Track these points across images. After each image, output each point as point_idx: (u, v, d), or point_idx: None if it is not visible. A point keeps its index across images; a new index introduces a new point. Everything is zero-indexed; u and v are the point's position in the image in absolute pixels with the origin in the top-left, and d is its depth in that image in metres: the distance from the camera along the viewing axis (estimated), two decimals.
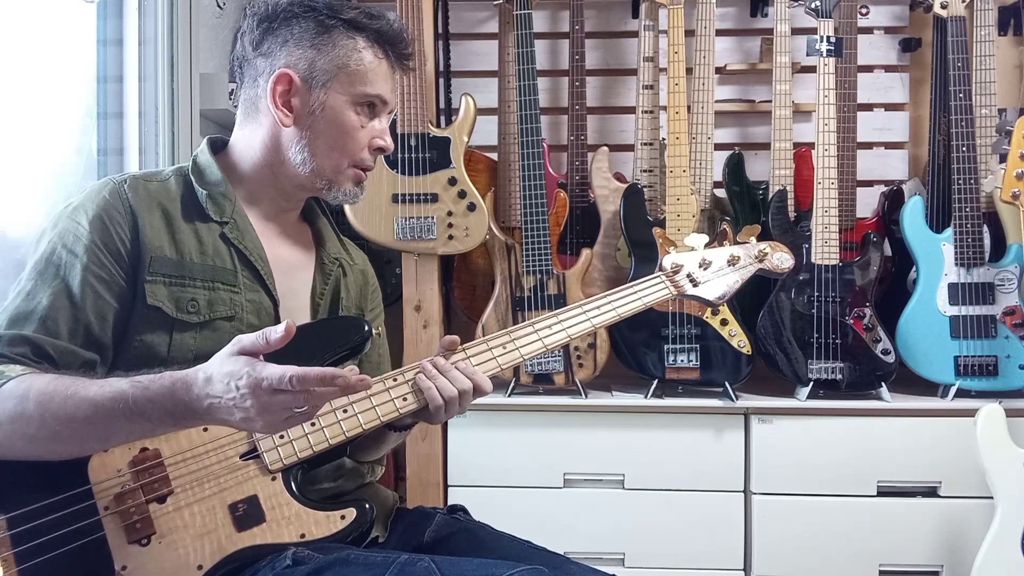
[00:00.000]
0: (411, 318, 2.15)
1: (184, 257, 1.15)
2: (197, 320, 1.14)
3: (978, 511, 1.96)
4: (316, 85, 1.17)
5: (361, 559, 1.03)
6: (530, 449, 2.09)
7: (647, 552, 2.07)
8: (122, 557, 1.01)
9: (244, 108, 1.23)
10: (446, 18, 2.45)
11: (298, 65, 1.17)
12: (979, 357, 2.07)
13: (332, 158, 1.20)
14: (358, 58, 1.18)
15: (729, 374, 2.09)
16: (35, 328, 1.05)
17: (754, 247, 1.38)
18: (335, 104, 1.18)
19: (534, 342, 1.23)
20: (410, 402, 1.15)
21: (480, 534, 1.25)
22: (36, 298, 1.07)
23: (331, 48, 1.17)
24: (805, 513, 2.04)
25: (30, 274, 1.09)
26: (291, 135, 1.19)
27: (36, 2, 1.78)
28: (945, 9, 2.14)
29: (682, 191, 2.13)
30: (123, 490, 1.04)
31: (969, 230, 2.09)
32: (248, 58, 1.21)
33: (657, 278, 1.33)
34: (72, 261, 1.09)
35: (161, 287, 1.12)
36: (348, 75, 1.18)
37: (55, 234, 1.11)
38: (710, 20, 2.24)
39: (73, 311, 1.07)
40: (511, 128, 2.28)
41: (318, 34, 1.17)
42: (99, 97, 2.00)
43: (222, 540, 1.05)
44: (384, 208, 2.09)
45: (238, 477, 1.08)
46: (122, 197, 1.13)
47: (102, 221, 1.10)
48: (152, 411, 0.98)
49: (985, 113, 2.18)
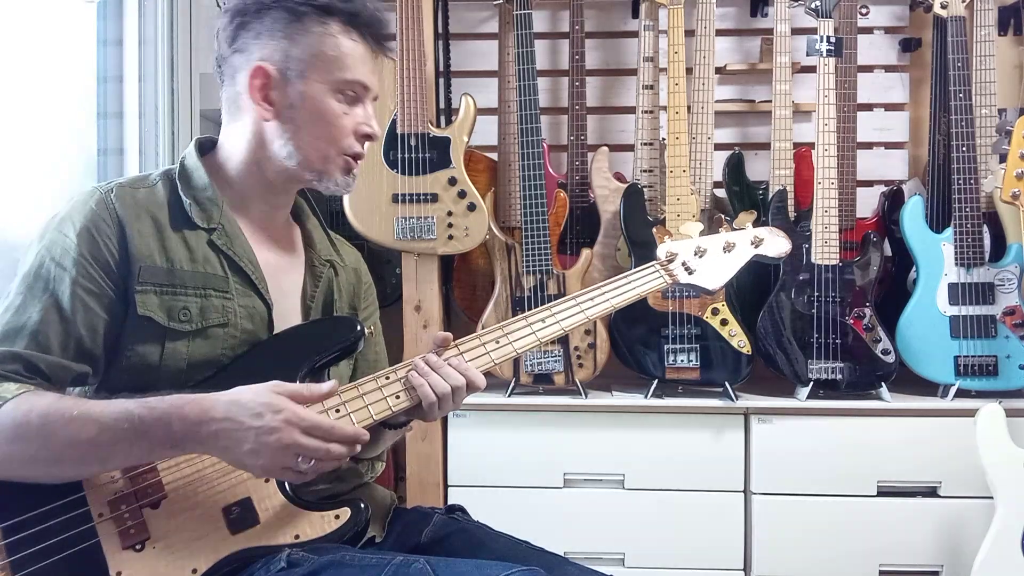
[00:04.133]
0: (411, 318, 2.15)
1: (174, 265, 1.13)
2: (190, 328, 1.12)
3: (978, 511, 1.96)
4: (293, 76, 1.15)
5: (356, 560, 1.03)
6: (530, 449, 2.09)
7: (647, 552, 2.07)
8: (117, 563, 1.01)
9: (227, 107, 1.21)
10: (446, 18, 2.45)
11: (273, 57, 1.15)
12: (979, 357, 2.07)
13: (318, 148, 1.18)
14: (333, 43, 1.15)
15: (729, 374, 2.09)
16: (26, 344, 1.04)
17: (750, 232, 1.36)
18: (314, 93, 1.15)
19: (527, 335, 1.21)
20: (403, 400, 1.14)
21: (478, 534, 1.24)
22: (26, 313, 1.05)
23: (304, 36, 1.14)
24: (805, 513, 2.04)
25: (19, 288, 1.08)
26: (274, 129, 1.17)
27: (37, 2, 1.78)
28: (945, 9, 2.14)
29: (682, 191, 2.13)
30: (117, 496, 1.04)
31: (969, 230, 2.09)
32: (225, 56, 1.19)
33: (651, 267, 1.31)
34: (61, 275, 1.07)
35: (152, 296, 1.10)
36: (324, 62, 1.15)
37: (42, 247, 1.09)
38: (710, 20, 2.24)
39: (64, 325, 1.06)
40: (511, 128, 2.28)
41: (289, 23, 1.14)
42: (99, 97, 2.00)
43: (216, 543, 1.05)
44: (384, 208, 2.09)
45: (231, 480, 1.08)
46: (109, 207, 1.11)
47: (89, 233, 1.09)
48: (155, 431, 0.99)
49: (985, 113, 2.18)
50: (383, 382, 1.15)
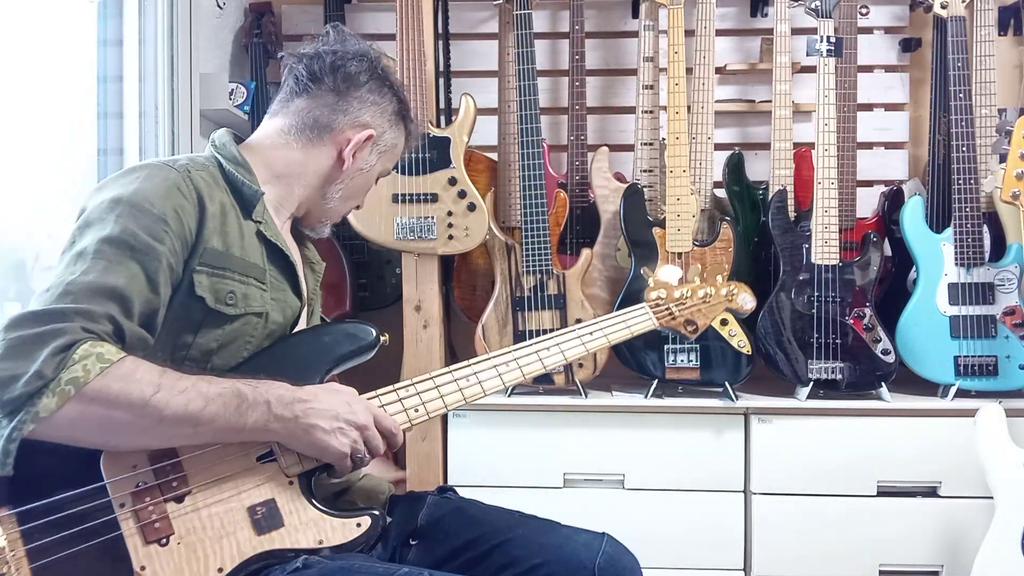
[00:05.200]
0: (411, 318, 2.15)
1: (228, 249, 1.16)
2: (233, 313, 1.14)
3: (978, 511, 1.96)
4: (375, 151, 1.32)
5: (365, 569, 1.06)
6: (530, 449, 2.09)
7: (647, 552, 2.04)
8: (141, 558, 1.00)
9: (306, 125, 1.27)
10: (446, 18, 2.45)
11: (377, 127, 1.31)
12: (979, 357, 2.07)
13: (346, 207, 1.35)
14: (401, 144, 1.38)
15: (729, 374, 2.09)
16: (118, 308, 1.01)
17: (723, 287, 1.53)
18: (374, 171, 1.34)
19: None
20: (421, 413, 1.21)
21: (471, 510, 1.29)
22: (112, 275, 1.02)
23: (397, 129, 1.35)
24: (805, 513, 2.04)
25: (98, 250, 1.03)
26: (338, 177, 1.30)
27: (37, 2, 1.78)
28: (945, 9, 2.14)
29: (682, 191, 2.13)
30: (139, 488, 1.02)
31: (969, 230, 2.09)
32: (338, 81, 1.27)
33: (642, 310, 1.45)
34: (149, 247, 1.05)
35: (205, 277, 1.12)
36: (392, 154, 1.36)
37: (124, 216, 1.06)
38: (710, 20, 2.24)
39: (148, 295, 1.05)
40: (511, 128, 2.28)
41: (396, 113, 1.34)
42: (99, 97, 2.00)
43: (242, 543, 1.04)
44: (384, 208, 2.08)
45: (256, 479, 1.08)
46: (191, 187, 1.13)
47: (175, 211, 1.09)
48: (255, 408, 1.05)
49: (985, 113, 2.18)
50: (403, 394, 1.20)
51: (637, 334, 1.41)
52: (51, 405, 0.93)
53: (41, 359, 0.93)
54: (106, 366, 0.96)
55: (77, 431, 0.97)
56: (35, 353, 0.93)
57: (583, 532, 1.25)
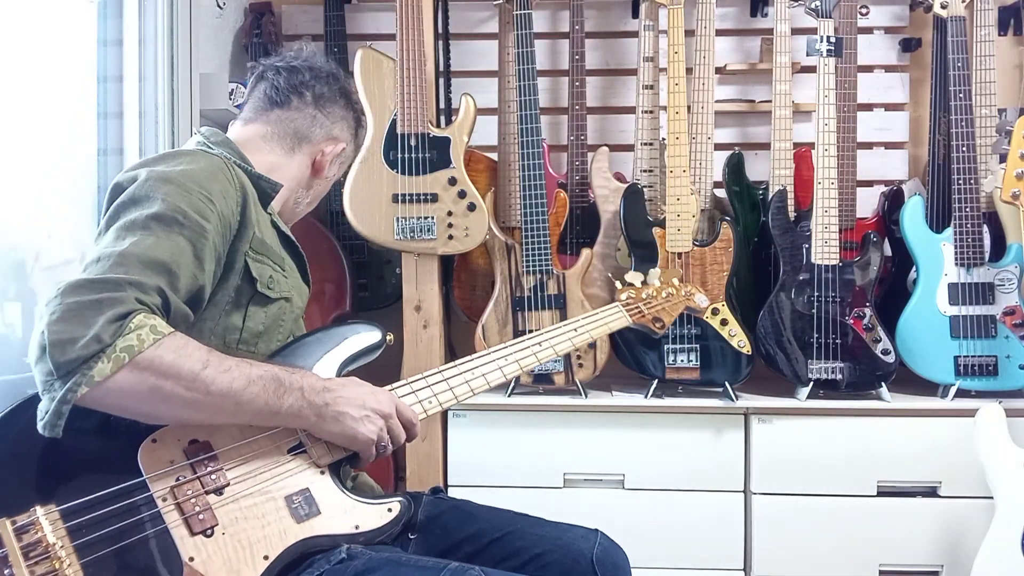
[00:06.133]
0: (411, 318, 2.15)
1: (264, 236, 1.23)
2: (275, 296, 1.22)
3: (978, 511, 1.96)
4: (337, 161, 1.43)
5: (412, 562, 1.09)
6: (530, 449, 2.09)
7: (647, 552, 2.06)
8: (188, 549, 1.02)
9: (286, 132, 1.36)
10: (446, 18, 2.45)
11: (346, 141, 1.44)
12: (979, 357, 2.07)
13: (306, 211, 1.46)
14: (351, 154, 1.50)
15: (729, 374, 2.09)
16: (166, 282, 1.04)
17: (683, 287, 1.65)
18: (333, 179, 1.47)
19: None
20: (435, 404, 1.27)
21: (467, 508, 1.35)
22: (160, 250, 1.04)
23: (353, 143, 1.48)
24: (805, 513, 2.04)
25: (146, 225, 1.05)
26: (308, 183, 1.41)
27: (37, 2, 1.78)
28: (945, 9, 2.14)
29: (682, 191, 2.13)
30: (180, 482, 1.05)
31: (969, 230, 2.09)
32: (315, 97, 1.38)
33: (616, 308, 1.55)
34: (199, 226, 1.09)
35: (255, 262, 1.20)
36: (345, 163, 1.49)
37: (173, 195, 1.09)
38: (710, 20, 2.24)
39: (194, 271, 1.08)
40: (511, 128, 2.28)
41: (354, 126, 1.47)
42: (99, 97, 2.00)
43: (283, 531, 1.07)
44: (384, 208, 2.08)
45: (289, 471, 1.12)
46: (234, 174, 1.20)
47: (223, 195, 1.15)
48: (290, 393, 1.08)
49: (985, 113, 2.18)
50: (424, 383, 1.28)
51: (615, 330, 1.52)
52: (106, 370, 0.95)
53: (99, 324, 0.95)
54: (159, 338, 0.98)
55: (127, 399, 0.98)
56: (93, 319, 0.95)
57: (577, 527, 1.32)
